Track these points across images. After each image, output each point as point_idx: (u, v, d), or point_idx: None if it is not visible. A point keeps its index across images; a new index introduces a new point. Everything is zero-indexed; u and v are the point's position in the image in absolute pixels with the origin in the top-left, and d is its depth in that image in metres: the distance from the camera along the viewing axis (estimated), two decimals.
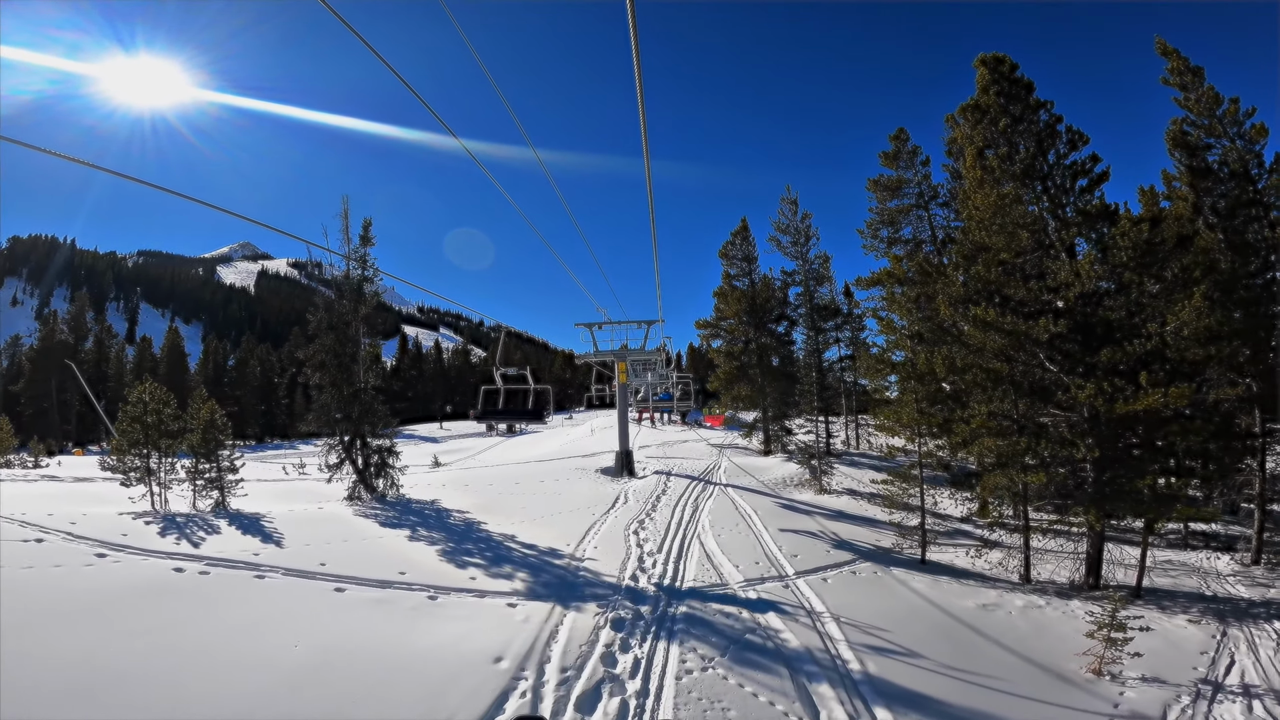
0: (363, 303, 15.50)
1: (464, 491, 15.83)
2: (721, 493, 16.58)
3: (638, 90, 4.00)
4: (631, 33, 3.43)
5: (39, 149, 4.16)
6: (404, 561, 9.51)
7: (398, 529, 11.55)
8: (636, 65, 3.74)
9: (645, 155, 5.07)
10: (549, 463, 22.68)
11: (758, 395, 26.11)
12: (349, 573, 8.69)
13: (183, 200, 5.29)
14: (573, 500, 15.15)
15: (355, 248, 15.71)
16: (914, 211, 20.44)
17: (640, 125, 4.34)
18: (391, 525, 11.75)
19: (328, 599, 7.87)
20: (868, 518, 15.86)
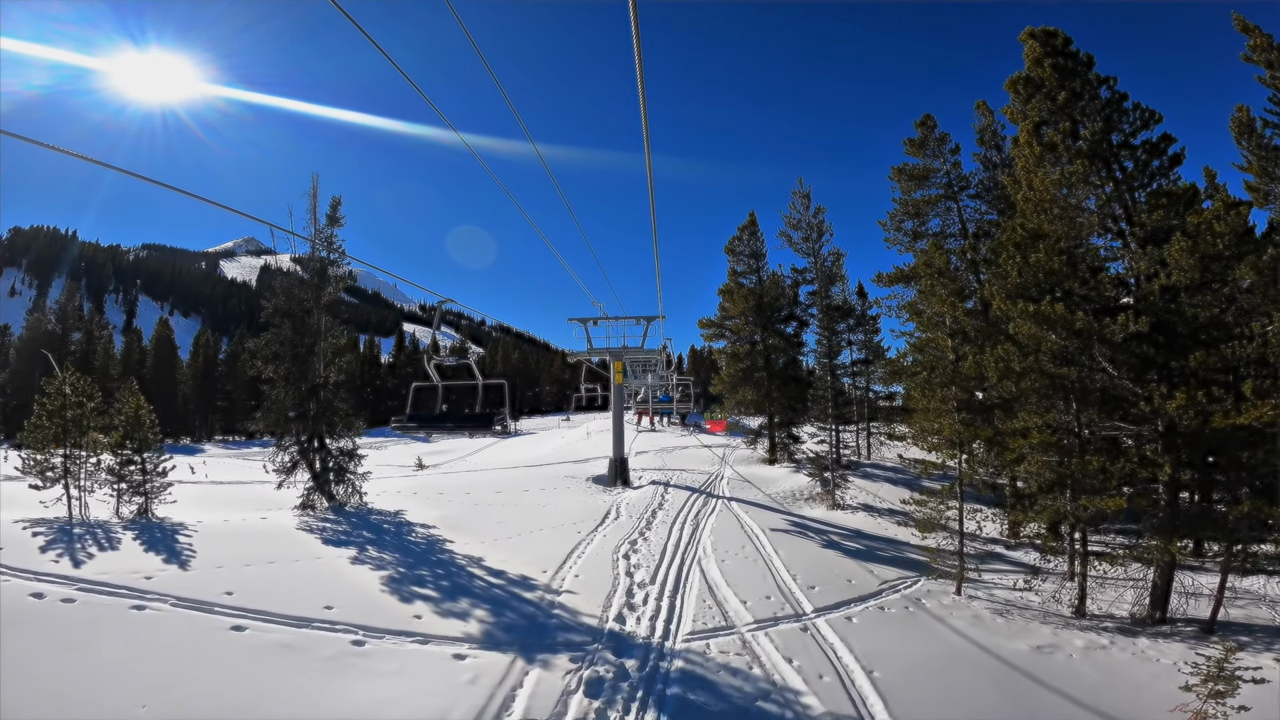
0: (327, 288, 13.79)
1: (436, 501, 14.09)
2: (725, 508, 14.80)
3: (638, 73, 3.78)
4: (633, 21, 3.31)
5: (47, 145, 3.98)
6: (337, 591, 7.78)
7: (343, 547, 9.81)
8: (637, 48, 3.58)
9: (645, 135, 4.43)
10: (538, 468, 20.93)
11: (764, 400, 24.33)
12: (260, 605, 6.96)
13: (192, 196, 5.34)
14: (557, 514, 13.39)
15: (321, 228, 14.03)
16: (942, 203, 18.68)
17: (640, 105, 4.01)
18: (337, 543, 10.02)
19: (219, 640, 6.15)
20: (889, 538, 14.10)
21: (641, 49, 3.48)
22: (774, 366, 24.95)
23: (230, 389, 61.22)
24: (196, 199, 5.29)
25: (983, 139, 19.74)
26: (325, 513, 12.29)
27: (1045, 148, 10.78)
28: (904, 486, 20.52)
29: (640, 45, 3.41)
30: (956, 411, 10.25)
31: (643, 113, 3.97)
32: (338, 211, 14.52)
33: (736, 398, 25.63)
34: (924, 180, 19.49)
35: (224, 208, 5.70)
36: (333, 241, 14.11)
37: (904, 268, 17.74)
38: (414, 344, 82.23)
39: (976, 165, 19.74)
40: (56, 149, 4.07)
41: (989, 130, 19.74)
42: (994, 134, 19.71)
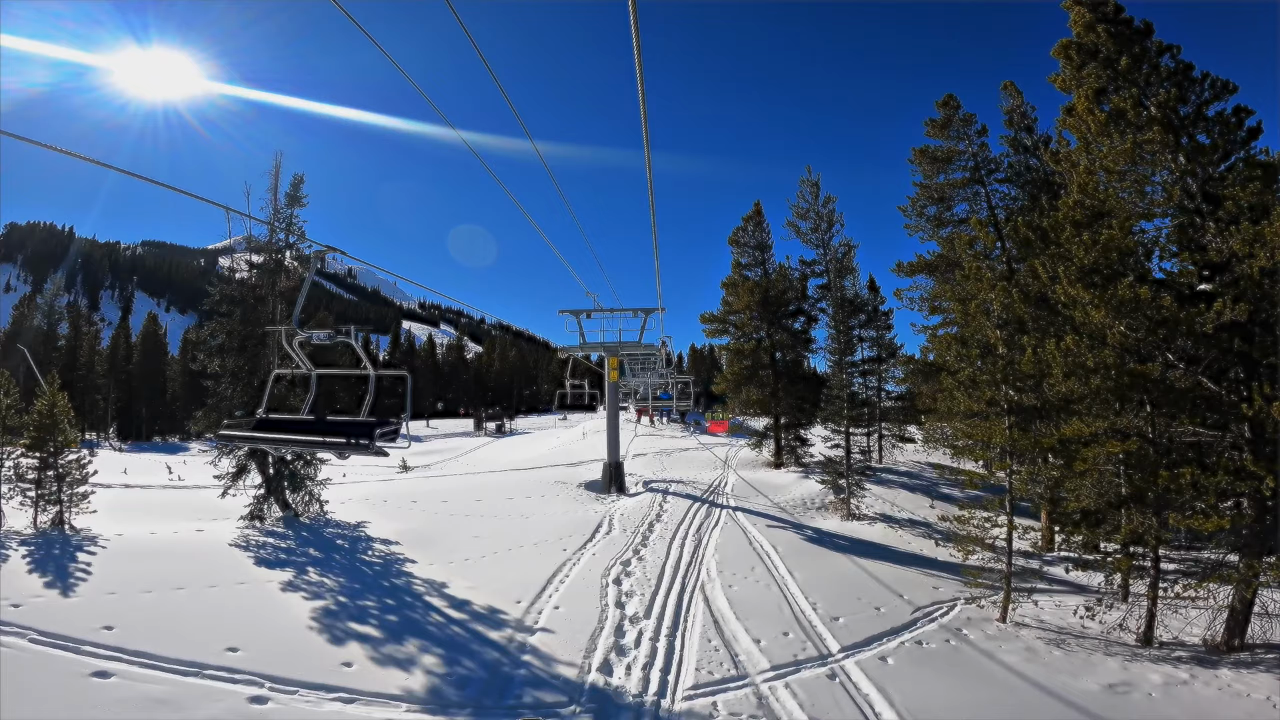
0: (283, 275, 12.31)
1: (406, 512, 12.59)
2: (730, 519, 13.29)
3: (636, 57, 3.58)
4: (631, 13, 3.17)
5: (45, 145, 3.83)
6: (251, 627, 6.29)
7: (279, 569, 8.32)
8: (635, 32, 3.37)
9: (642, 108, 4.12)
10: (528, 472, 19.44)
11: (769, 400, 22.81)
12: (142, 645, 5.50)
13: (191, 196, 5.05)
14: (542, 527, 11.89)
15: (280, 208, 12.54)
16: (968, 187, 17.15)
17: (638, 83, 3.77)
18: (274, 563, 8.52)
19: (72, 690, 4.67)
20: (914, 554, 12.62)
21: (640, 40, 3.38)
22: (781, 364, 23.44)
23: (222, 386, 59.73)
24: (190, 196, 4.92)
25: (1011, 120, 18.24)
26: (275, 525, 10.79)
27: (1111, 115, 9.32)
28: (922, 494, 19.02)
29: (638, 28, 3.29)
30: (1008, 415, 8.72)
31: (640, 86, 3.72)
32: (299, 190, 13.01)
33: (740, 397, 24.12)
34: (947, 163, 17.97)
35: (219, 205, 5.34)
36: (293, 223, 12.60)
37: (927, 256, 16.24)
38: (409, 342, 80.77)
39: (1003, 149, 18.28)
40: (54, 148, 3.85)
41: (1017, 111, 18.25)
42: (1023, 115, 18.21)
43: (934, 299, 15.76)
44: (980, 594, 9.73)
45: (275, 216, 12.67)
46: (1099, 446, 7.56)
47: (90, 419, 58.77)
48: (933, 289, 16.01)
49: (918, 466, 23.72)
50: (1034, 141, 17.92)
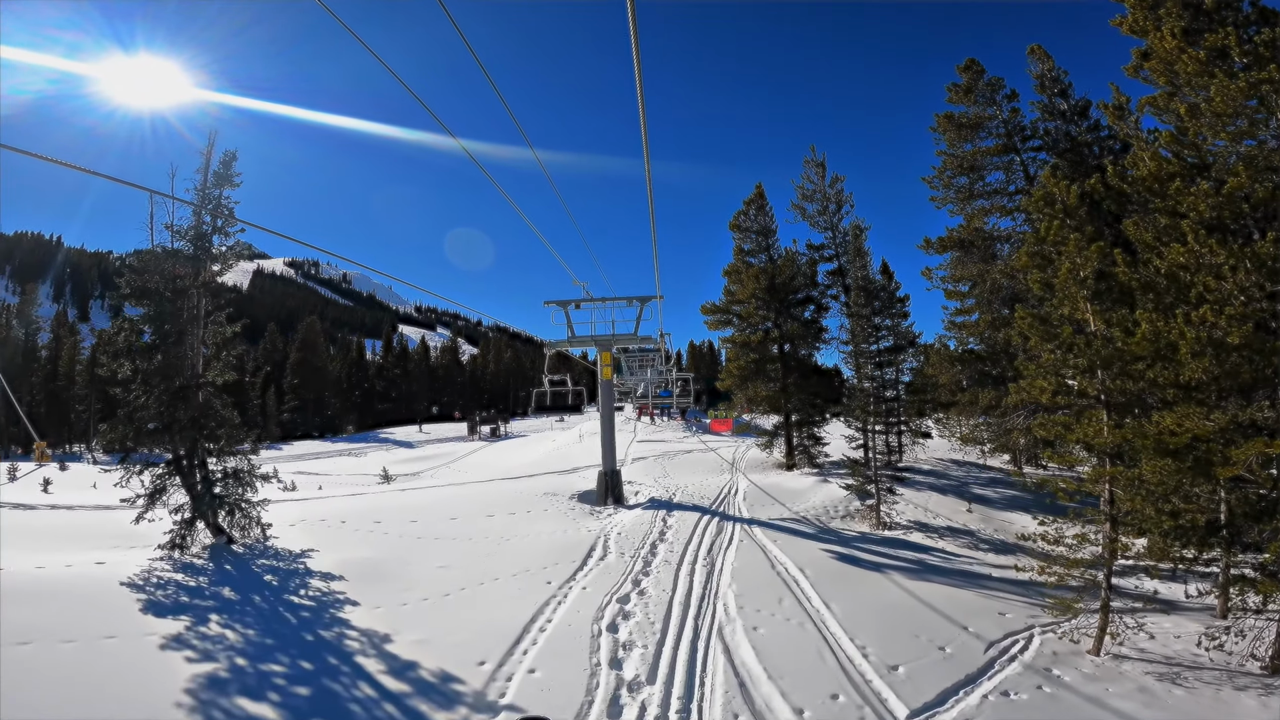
0: (210, 262, 10.45)
1: (366, 534, 10.71)
2: (745, 535, 11.44)
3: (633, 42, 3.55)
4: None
5: (32, 154, 3.86)
6: (90, 703, 4.44)
7: (173, 616, 6.46)
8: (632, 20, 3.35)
9: (638, 77, 3.81)
10: (515, 482, 17.56)
11: (779, 396, 20.96)
12: None
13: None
14: (524, 553, 10.03)
15: (207, 187, 10.67)
16: (1004, 155, 15.32)
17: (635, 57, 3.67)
18: (169, 609, 6.64)
19: None
20: (963, 570, 10.85)
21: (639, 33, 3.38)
22: (791, 356, 21.59)
23: None
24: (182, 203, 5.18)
25: (1042, 85, 16.49)
26: (199, 555, 8.92)
27: (1212, 53, 7.54)
28: (954, 495, 17.20)
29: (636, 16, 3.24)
30: (1107, 408, 6.87)
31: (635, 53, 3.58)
32: (230, 169, 11.12)
33: (747, 394, 22.26)
34: (975, 130, 16.17)
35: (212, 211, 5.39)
36: (221, 205, 10.72)
37: (960, 230, 14.40)
38: (402, 345, 78.88)
39: (1035, 115, 16.52)
40: (39, 156, 3.88)
41: (1048, 76, 16.48)
42: (1054, 80, 16.44)
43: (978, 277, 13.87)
44: (1058, 620, 8.02)
45: (202, 199, 10.79)
46: (1249, 446, 5.70)
47: (74, 430, 56.94)
48: (972, 267, 14.14)
49: (941, 464, 21.89)
50: (1071, 107, 16.19)
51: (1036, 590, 10.31)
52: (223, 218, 10.55)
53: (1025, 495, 18.23)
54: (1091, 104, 16.23)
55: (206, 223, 10.66)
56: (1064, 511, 8.03)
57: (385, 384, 71.65)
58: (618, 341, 15.50)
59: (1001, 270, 12.34)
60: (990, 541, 13.11)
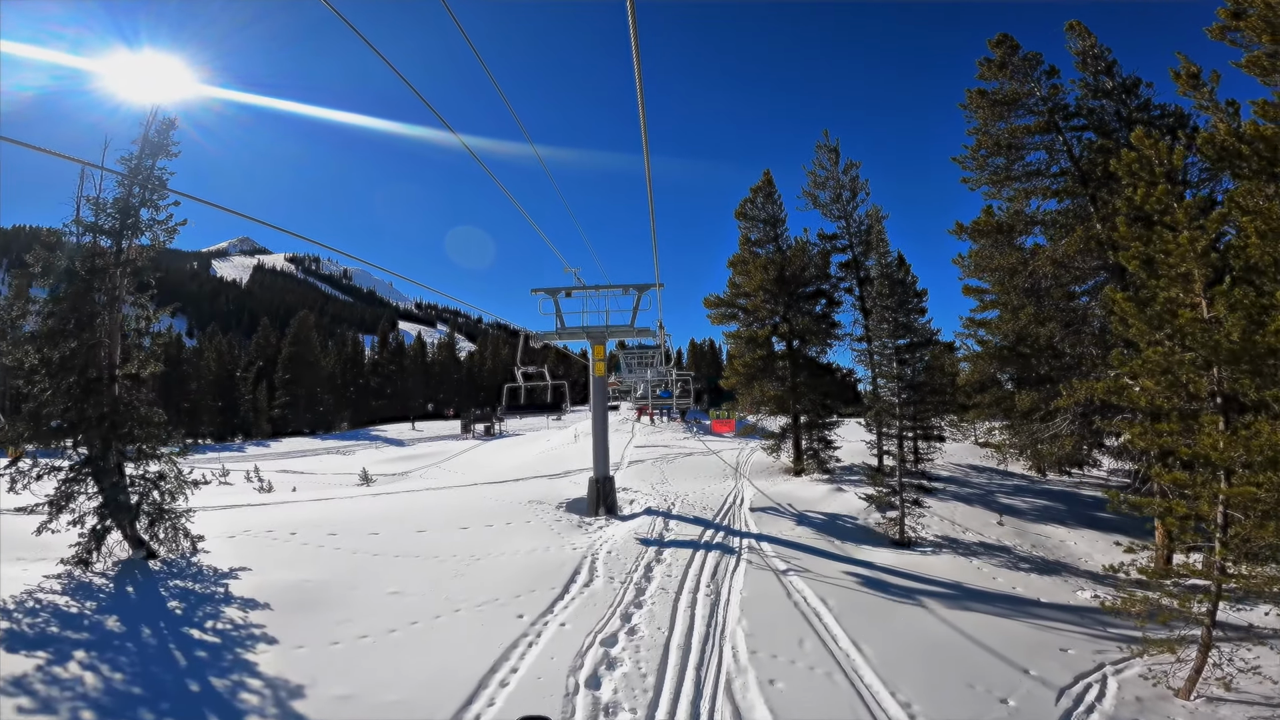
0: (134, 238, 9.03)
1: (316, 549, 9.25)
2: (754, 555, 9.97)
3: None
4: None
5: (38, 149, 3.81)
6: None
7: (27, 652, 5.05)
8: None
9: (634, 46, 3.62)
10: (499, 486, 16.10)
11: (788, 396, 19.47)
12: None
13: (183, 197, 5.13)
14: (496, 575, 8.57)
15: (136, 157, 9.28)
16: (1046, 134, 13.79)
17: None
18: (26, 643, 5.21)
19: None
20: (1008, 595, 9.48)
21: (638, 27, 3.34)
22: (800, 353, 20.10)
23: (194, 388, 56.41)
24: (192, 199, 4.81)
25: (1084, 63, 15.05)
26: (107, 572, 7.48)
27: None
28: (981, 505, 15.70)
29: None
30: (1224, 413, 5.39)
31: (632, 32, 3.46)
32: (168, 136, 9.72)
33: (752, 394, 20.76)
34: (1011, 106, 14.67)
35: (212, 204, 4.81)
36: (151, 177, 9.29)
37: (1000, 214, 12.82)
38: (398, 341, 77.45)
39: (1075, 94, 15.09)
40: (48, 151, 3.85)
41: (1090, 54, 15.04)
42: (1096, 58, 14.99)
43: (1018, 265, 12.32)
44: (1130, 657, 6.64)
45: (133, 169, 9.37)
46: None
47: None
48: (1012, 253, 12.59)
49: (960, 470, 20.40)
50: (1117, 85, 14.78)
51: (1094, 618, 8.91)
52: (153, 189, 9.10)
53: (1057, 506, 16.76)
54: (1141, 81, 14.88)
55: (135, 195, 9.22)
56: (1125, 528, 6.65)
57: (380, 380, 70.27)
58: (613, 334, 14.01)
59: (1049, 256, 10.83)
60: (1029, 559, 11.66)
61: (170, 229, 9.70)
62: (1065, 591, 10.13)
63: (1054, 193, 11.99)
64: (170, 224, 9.69)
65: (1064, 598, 9.82)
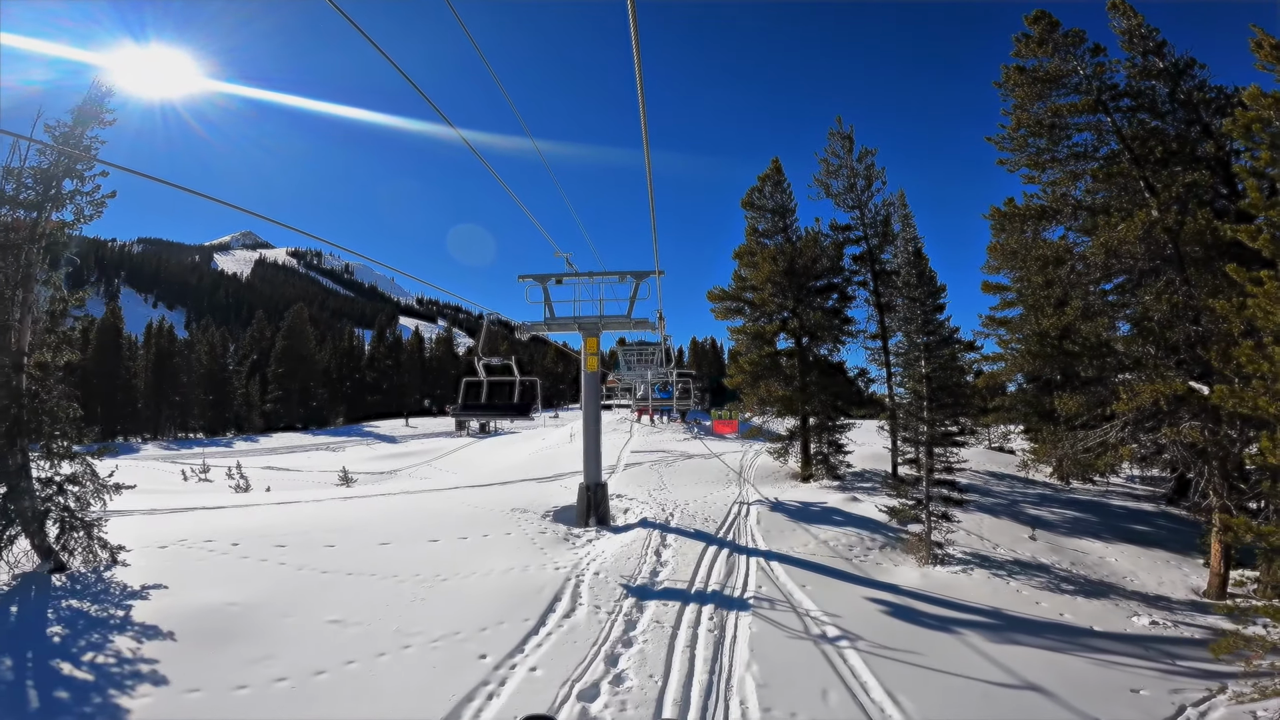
0: (53, 208, 7.82)
1: (258, 563, 7.98)
2: (764, 577, 8.68)
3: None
4: None
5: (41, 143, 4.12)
6: None
7: None
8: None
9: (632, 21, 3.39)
10: (485, 491, 14.85)
11: (797, 396, 18.17)
12: None
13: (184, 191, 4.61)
14: (462, 600, 7.30)
15: (63, 125, 8.10)
16: (1092, 114, 12.48)
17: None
18: None
19: None
20: (1059, 625, 8.28)
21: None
22: (810, 350, 18.80)
23: (185, 381, 55.28)
24: (189, 192, 4.46)
25: (1130, 42, 13.80)
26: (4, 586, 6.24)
27: None
28: (1008, 517, 14.37)
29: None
30: None
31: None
32: (102, 105, 8.56)
33: (758, 393, 19.47)
34: (1053, 85, 13.39)
35: (213, 199, 4.77)
36: (81, 141, 8.10)
37: (1047, 197, 11.45)
38: (396, 336, 76.29)
39: (1122, 74, 13.84)
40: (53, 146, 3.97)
41: (1136, 33, 13.78)
42: (1143, 38, 13.74)
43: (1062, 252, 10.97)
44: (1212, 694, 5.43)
45: (62, 139, 8.18)
46: None
47: None
48: (1056, 242, 11.25)
49: (981, 478, 19.07)
50: (1169, 65, 13.55)
51: (1158, 649, 7.69)
52: (79, 157, 7.88)
53: (1088, 517, 15.47)
54: (1195, 62, 13.66)
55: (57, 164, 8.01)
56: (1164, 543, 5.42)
57: (377, 375, 69.10)
58: (608, 325, 12.74)
59: (1102, 243, 9.51)
60: (1072, 579, 10.39)
61: (97, 202, 8.51)
62: (1119, 618, 8.90)
63: (1105, 176, 10.69)
64: (97, 196, 8.53)
65: (1118, 625, 8.60)
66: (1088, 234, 12.10)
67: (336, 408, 65.39)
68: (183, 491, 22.84)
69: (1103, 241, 9.44)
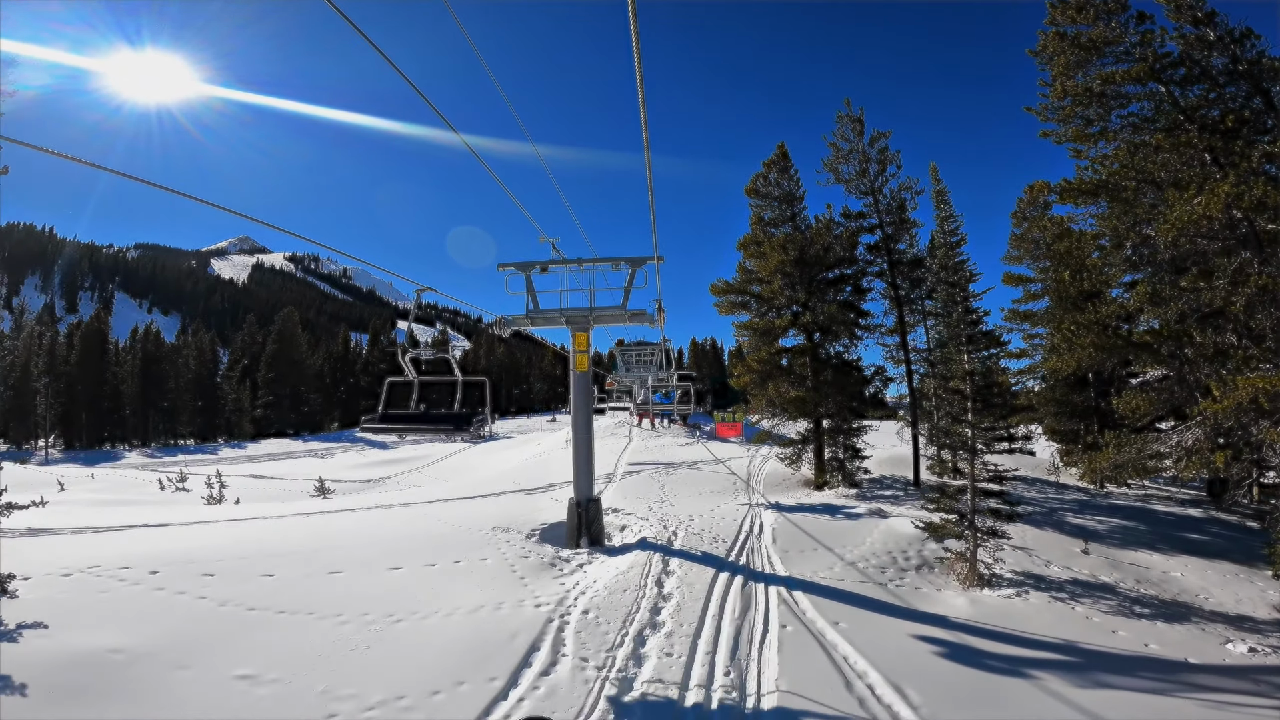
0: None
1: (175, 594, 6.56)
2: (788, 612, 7.23)
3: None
4: None
5: (38, 148, 3.77)
6: None
7: None
8: None
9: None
10: (468, 505, 13.41)
11: (809, 397, 16.74)
12: None
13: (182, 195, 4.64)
14: (412, 650, 5.85)
15: None
16: (1145, 84, 11.10)
17: None
18: None
19: None
20: (1148, 659, 6.93)
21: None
22: (823, 347, 17.37)
23: (173, 387, 53.85)
24: (186, 197, 4.63)
25: (1178, 10, 12.44)
26: None
27: None
28: (1052, 529, 12.86)
29: None
30: None
31: None
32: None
33: (767, 394, 18.05)
34: (1097, 52, 12.02)
35: (211, 204, 4.91)
36: None
37: (1102, 171, 10.01)
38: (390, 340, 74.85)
39: (1171, 44, 12.49)
40: (49, 151, 3.77)
41: (1185, 3, 12.43)
42: (1193, 6, 12.38)
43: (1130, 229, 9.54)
44: None
45: None
46: None
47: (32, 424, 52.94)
48: (1128, 217, 9.80)
49: (1010, 484, 17.64)
50: (1222, 36, 12.20)
51: (1267, 680, 6.31)
52: None
53: (1137, 525, 14.00)
54: (1251, 33, 12.32)
55: None
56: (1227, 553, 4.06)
57: (371, 379, 67.58)
58: (600, 319, 11.28)
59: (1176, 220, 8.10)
60: (1143, 601, 8.98)
61: None
62: (1211, 645, 7.51)
63: (1173, 146, 9.31)
64: None
65: (1214, 654, 7.23)
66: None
67: (330, 413, 63.89)
68: (154, 503, 21.39)
69: (1176, 217, 8.03)
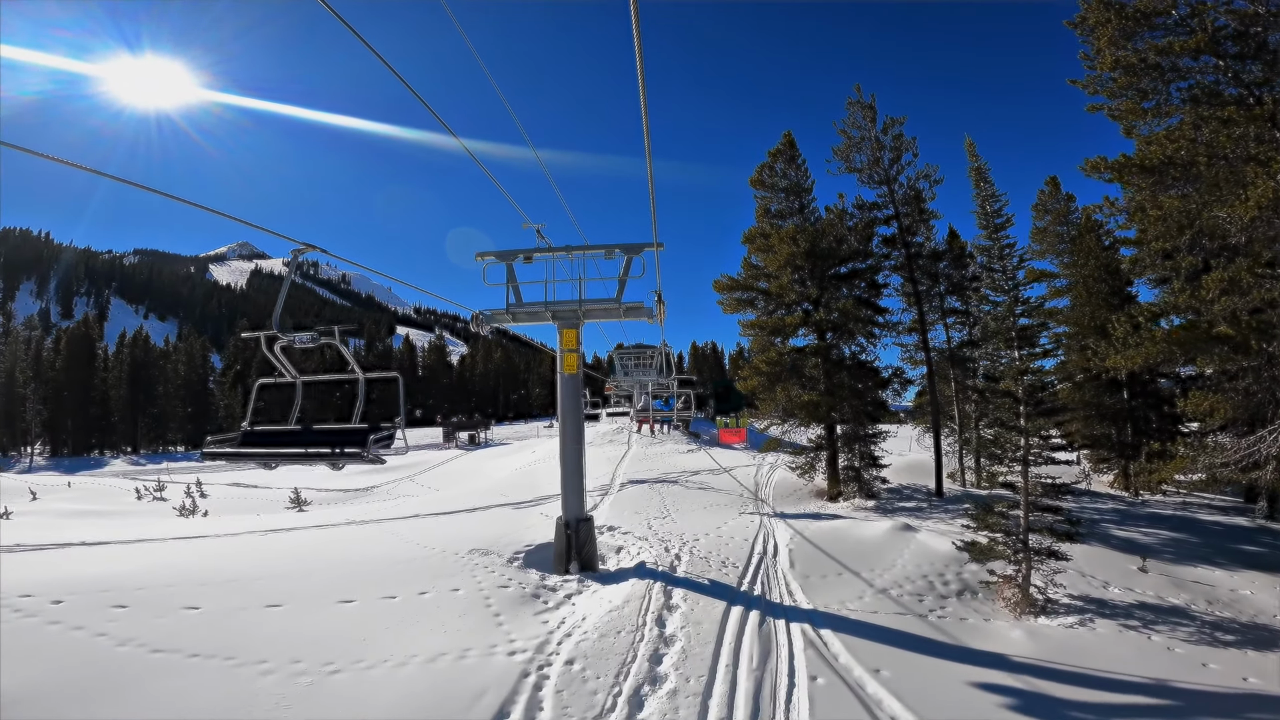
0: None
1: (75, 629, 5.32)
2: (816, 658, 5.95)
3: None
4: None
5: (37, 153, 3.73)
6: None
7: None
8: None
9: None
10: (450, 521, 12.17)
11: (823, 400, 15.48)
12: None
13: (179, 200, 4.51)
14: (347, 714, 4.57)
15: None
16: (1200, 56, 9.93)
17: None
18: None
19: None
20: (1253, 694, 5.46)
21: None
22: (838, 347, 16.14)
23: (162, 393, 52.64)
24: (182, 201, 4.55)
25: None
26: None
27: None
28: (1099, 543, 11.68)
29: None
30: None
31: None
32: None
33: (776, 398, 16.78)
34: (1146, 23, 10.82)
35: (210, 210, 4.77)
36: None
37: (1165, 146, 8.80)
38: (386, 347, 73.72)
39: (1223, 19, 11.33)
40: (48, 156, 3.74)
41: None
42: None
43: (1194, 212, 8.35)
44: None
45: None
46: None
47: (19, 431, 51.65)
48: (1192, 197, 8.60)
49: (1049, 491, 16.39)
50: (1270, 10, 11.04)
51: None
52: None
53: (1187, 537, 12.69)
54: None
55: None
56: None
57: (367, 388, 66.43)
58: (591, 313, 9.93)
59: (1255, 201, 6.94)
60: (1224, 626, 7.72)
61: None
62: None
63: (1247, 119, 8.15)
64: None
65: None
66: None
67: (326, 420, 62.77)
68: (122, 514, 20.19)
69: (1260, 194, 6.85)
